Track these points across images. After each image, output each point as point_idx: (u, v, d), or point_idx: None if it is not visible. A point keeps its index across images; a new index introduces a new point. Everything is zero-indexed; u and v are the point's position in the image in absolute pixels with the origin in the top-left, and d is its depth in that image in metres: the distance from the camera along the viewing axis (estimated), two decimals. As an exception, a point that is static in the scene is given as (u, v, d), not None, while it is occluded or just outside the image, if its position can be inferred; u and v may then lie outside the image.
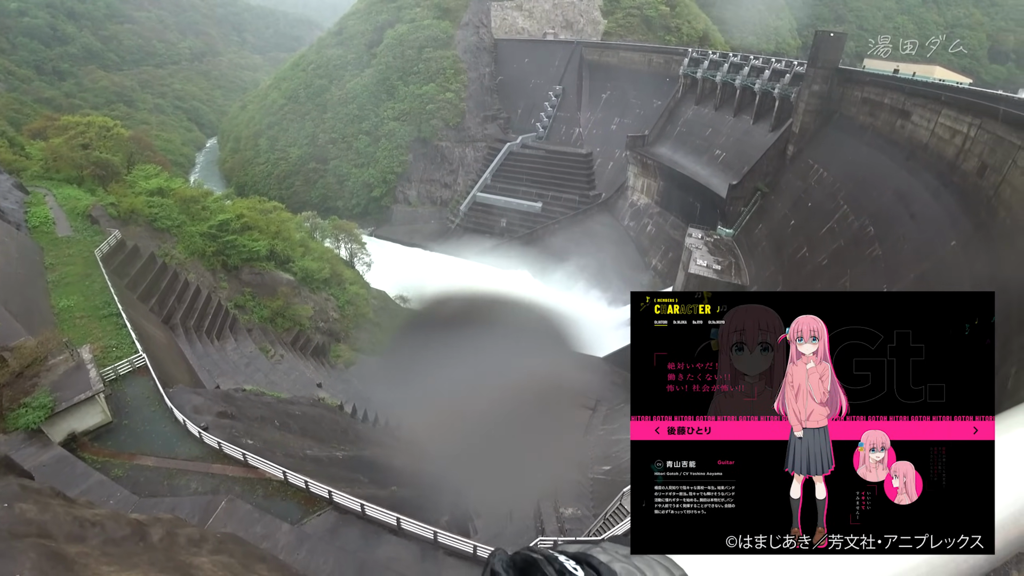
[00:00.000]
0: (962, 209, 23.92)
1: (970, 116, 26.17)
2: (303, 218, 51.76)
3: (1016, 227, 19.27)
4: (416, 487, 23.05)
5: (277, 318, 36.04)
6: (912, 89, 33.08)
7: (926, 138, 30.03)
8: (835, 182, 36.97)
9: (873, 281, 26.91)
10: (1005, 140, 22.51)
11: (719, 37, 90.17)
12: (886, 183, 31.48)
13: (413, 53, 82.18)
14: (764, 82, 49.20)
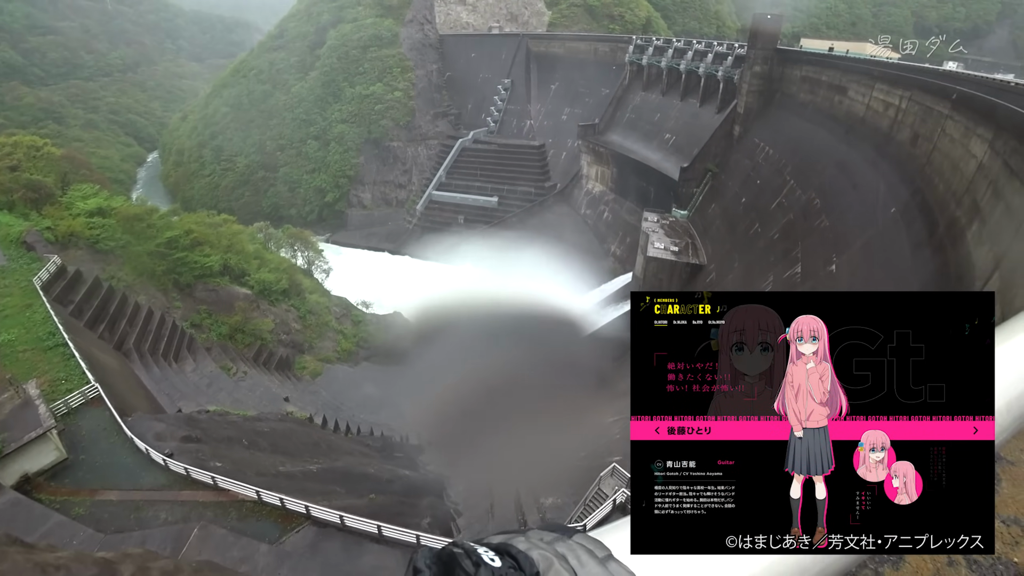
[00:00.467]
0: (898, 177, 25.13)
1: (900, 89, 27.49)
2: (256, 229, 50.23)
3: (947, 190, 20.39)
4: (394, 493, 22.86)
5: (237, 334, 34.95)
6: (847, 66, 34.52)
7: (862, 112, 31.38)
8: (781, 158, 38.26)
9: (823, 251, 28.03)
10: (934, 110, 23.73)
11: (662, 23, 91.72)
12: (829, 156, 32.77)
13: (358, 53, 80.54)
14: (708, 65, 50.40)
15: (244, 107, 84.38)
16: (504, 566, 0.49)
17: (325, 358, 40.31)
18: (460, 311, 56.07)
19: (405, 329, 48.32)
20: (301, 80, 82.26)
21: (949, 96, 22.41)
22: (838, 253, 26.72)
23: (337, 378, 38.99)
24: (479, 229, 67.57)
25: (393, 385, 40.09)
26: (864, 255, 24.49)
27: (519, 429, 30.35)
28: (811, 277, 27.84)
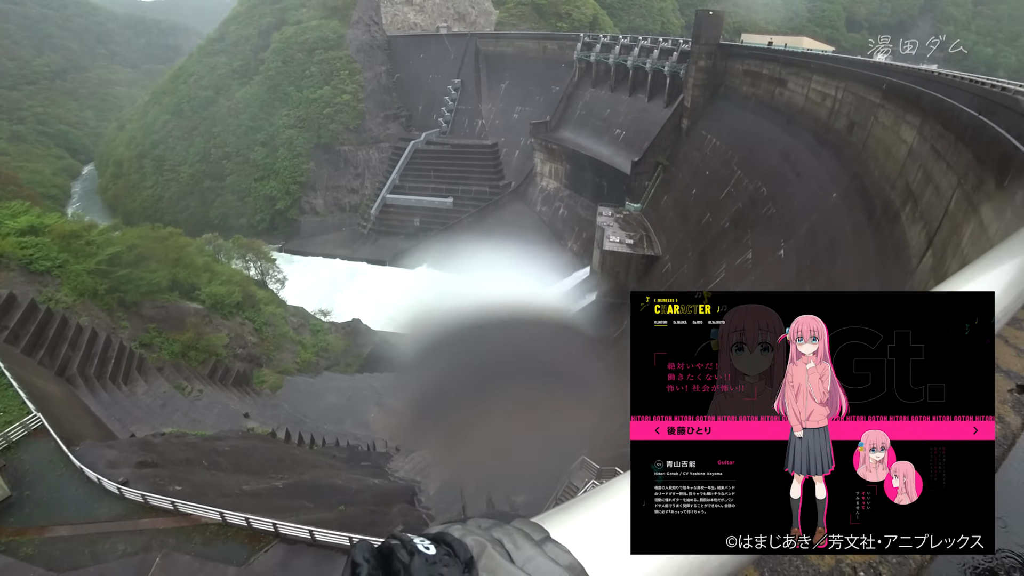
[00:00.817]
0: (838, 164, 26.37)
1: (836, 80, 28.83)
2: (204, 241, 48.34)
3: (882, 174, 21.53)
4: (364, 503, 22.47)
5: (190, 351, 33.55)
6: (786, 59, 35.94)
7: (802, 103, 32.76)
8: (728, 149, 39.55)
9: (771, 237, 29.13)
10: (867, 100, 25.00)
11: (608, 21, 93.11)
12: (773, 146, 34.08)
13: (303, 56, 78.54)
14: (654, 61, 51.53)
15: (186, 114, 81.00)
16: (439, 553, 0.51)
17: (284, 370, 39.24)
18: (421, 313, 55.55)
19: (366, 335, 47.55)
20: (245, 85, 79.61)
21: (880, 86, 23.65)
22: (785, 238, 27.83)
23: (298, 390, 38.00)
24: (435, 231, 67.06)
25: (357, 393, 39.40)
26: (810, 239, 25.60)
27: (489, 429, 30.33)
28: (761, 263, 28.90)
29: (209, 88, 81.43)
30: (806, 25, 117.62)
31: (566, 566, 0.54)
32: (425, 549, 0.51)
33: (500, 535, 0.54)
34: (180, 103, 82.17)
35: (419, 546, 0.51)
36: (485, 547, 0.52)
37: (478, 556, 0.51)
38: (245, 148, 76.14)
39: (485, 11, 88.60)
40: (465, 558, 0.51)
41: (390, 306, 56.46)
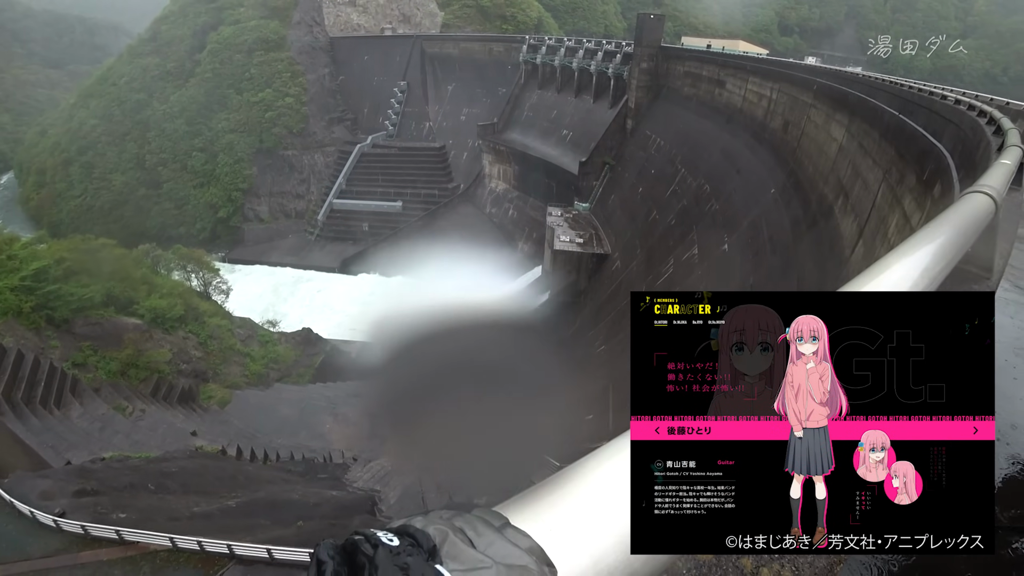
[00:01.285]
0: (775, 161, 27.67)
1: (771, 82, 30.26)
2: (142, 252, 45.72)
3: (815, 171, 22.76)
4: (322, 516, 21.91)
5: (129, 369, 31.69)
6: (724, 61, 37.44)
7: (740, 103, 34.20)
8: (671, 148, 40.83)
9: (715, 232, 30.25)
10: (799, 100, 26.35)
11: (553, 23, 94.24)
12: (714, 145, 35.41)
13: (243, 58, 75.59)
14: (598, 63, 52.60)
15: (116, 118, 76.25)
16: (403, 544, 0.52)
17: (233, 384, 37.68)
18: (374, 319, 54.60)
19: (318, 344, 46.32)
20: (180, 88, 75.86)
21: (811, 87, 25.00)
22: (729, 233, 28.97)
23: (249, 404, 36.57)
24: (385, 235, 66.05)
25: (311, 403, 38.31)
26: (751, 233, 26.75)
27: (448, 433, 30.13)
28: (707, 257, 29.98)
29: (141, 91, 77.05)
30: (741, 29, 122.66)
31: (526, 548, 0.56)
32: (389, 541, 0.52)
33: (461, 524, 0.56)
34: (109, 106, 77.33)
35: (383, 539, 0.53)
36: (447, 534, 0.54)
37: (440, 543, 0.53)
38: (182, 154, 72.56)
39: (430, 13, 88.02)
40: (428, 546, 0.52)
41: (341, 313, 55.25)
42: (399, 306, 54.65)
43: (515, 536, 0.57)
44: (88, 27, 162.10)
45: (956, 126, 11.21)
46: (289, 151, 74.02)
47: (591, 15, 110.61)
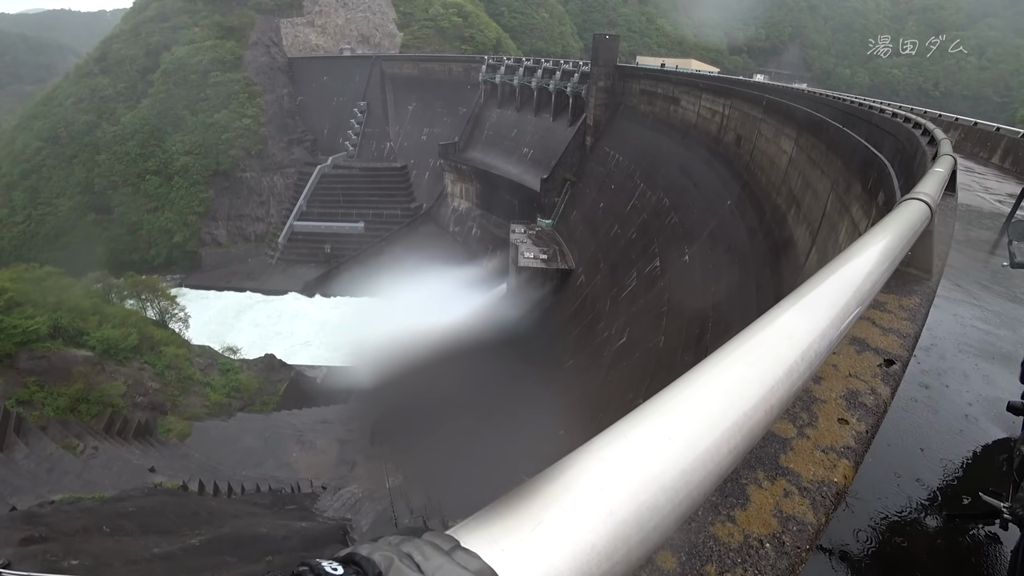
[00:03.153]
0: (730, 174, 28.68)
1: (723, 98, 31.47)
2: (91, 281, 43.85)
3: (768, 182, 23.68)
4: (292, 549, 21.12)
5: (80, 405, 30.01)
6: (678, 79, 38.77)
7: (694, 119, 35.40)
8: (630, 164, 41.84)
9: (676, 244, 31.02)
10: (750, 115, 27.46)
11: (511, 44, 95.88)
12: (671, 159, 36.46)
13: (197, 78, 73.98)
14: (557, 82, 53.72)
15: (63, 141, 73.08)
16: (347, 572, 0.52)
17: (193, 415, 36.14)
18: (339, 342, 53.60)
19: (281, 370, 45.07)
20: (132, 109, 73.49)
21: (761, 103, 26.11)
22: (689, 244, 29.76)
23: (210, 435, 35.10)
24: (348, 256, 65.21)
25: (276, 432, 37.11)
26: (711, 243, 27.55)
27: (420, 456, 29.70)
28: (669, 269, 30.67)
29: (90, 112, 74.19)
30: (693, 48, 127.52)
31: (475, 571, 0.55)
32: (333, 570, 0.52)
33: (409, 549, 0.56)
34: (56, 128, 74.07)
35: (327, 568, 0.53)
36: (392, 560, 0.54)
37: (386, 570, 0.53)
38: (135, 177, 70.07)
39: (389, 33, 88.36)
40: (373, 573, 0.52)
41: (305, 337, 54.05)
42: (365, 328, 53.87)
43: (464, 558, 0.56)
44: (32, 46, 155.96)
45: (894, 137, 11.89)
46: (247, 173, 72.50)
47: (549, 36, 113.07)
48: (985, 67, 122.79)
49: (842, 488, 1.83)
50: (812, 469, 1.90)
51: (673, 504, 0.79)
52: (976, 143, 19.66)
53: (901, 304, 3.30)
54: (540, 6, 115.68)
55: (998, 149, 17.88)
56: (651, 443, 0.83)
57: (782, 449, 2.01)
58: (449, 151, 62.82)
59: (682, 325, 25.00)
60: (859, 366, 2.59)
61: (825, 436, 2.08)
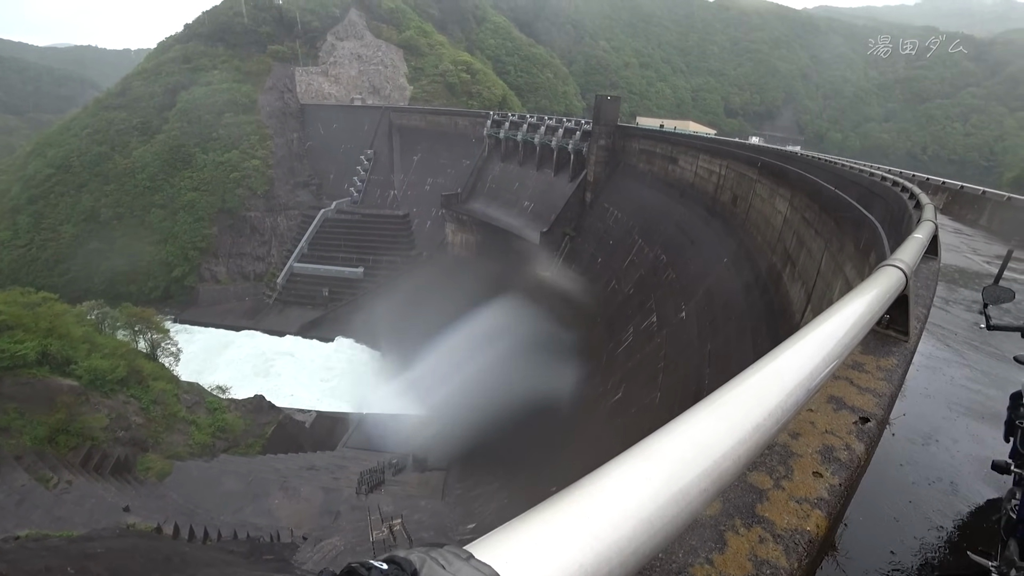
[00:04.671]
0: (726, 232, 29.17)
1: (720, 159, 32.43)
2: (86, 309, 43.56)
3: (763, 240, 24.07)
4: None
5: (59, 436, 29.24)
6: (676, 140, 40.04)
7: (692, 178, 36.33)
8: (629, 220, 42.61)
9: (673, 300, 31.16)
10: (746, 176, 28.22)
11: (516, 101, 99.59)
12: (669, 217, 37.16)
13: (212, 118, 76.24)
14: (559, 139, 55.47)
15: (74, 169, 74.47)
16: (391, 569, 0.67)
17: (175, 454, 35.14)
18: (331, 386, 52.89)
19: (269, 413, 44.22)
20: (146, 143, 75.34)
21: (756, 164, 26.88)
22: (686, 301, 29.91)
23: (190, 476, 34.03)
24: (346, 300, 65.35)
25: (259, 476, 36.02)
26: (707, 300, 27.68)
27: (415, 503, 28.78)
28: (666, 325, 30.71)
29: (104, 143, 75.98)
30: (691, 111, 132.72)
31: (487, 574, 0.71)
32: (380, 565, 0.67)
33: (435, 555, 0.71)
34: (69, 156, 75.51)
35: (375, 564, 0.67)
36: (425, 560, 0.69)
37: (420, 567, 0.68)
38: (141, 210, 71.12)
39: (400, 86, 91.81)
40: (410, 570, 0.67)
41: (296, 379, 53.36)
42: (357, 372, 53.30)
43: (480, 565, 0.71)
44: (56, 78, 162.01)
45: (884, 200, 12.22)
46: (252, 212, 73.60)
47: (552, 95, 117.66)
48: (970, 133, 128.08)
49: (815, 537, 1.91)
50: (786, 518, 1.99)
51: (649, 535, 0.92)
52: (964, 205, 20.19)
53: (879, 365, 3.39)
54: (545, 66, 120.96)
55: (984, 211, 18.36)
56: (632, 482, 0.98)
57: (759, 499, 2.10)
58: (451, 201, 64.11)
59: (678, 382, 24.80)
60: (835, 423, 2.67)
61: (800, 488, 2.16)
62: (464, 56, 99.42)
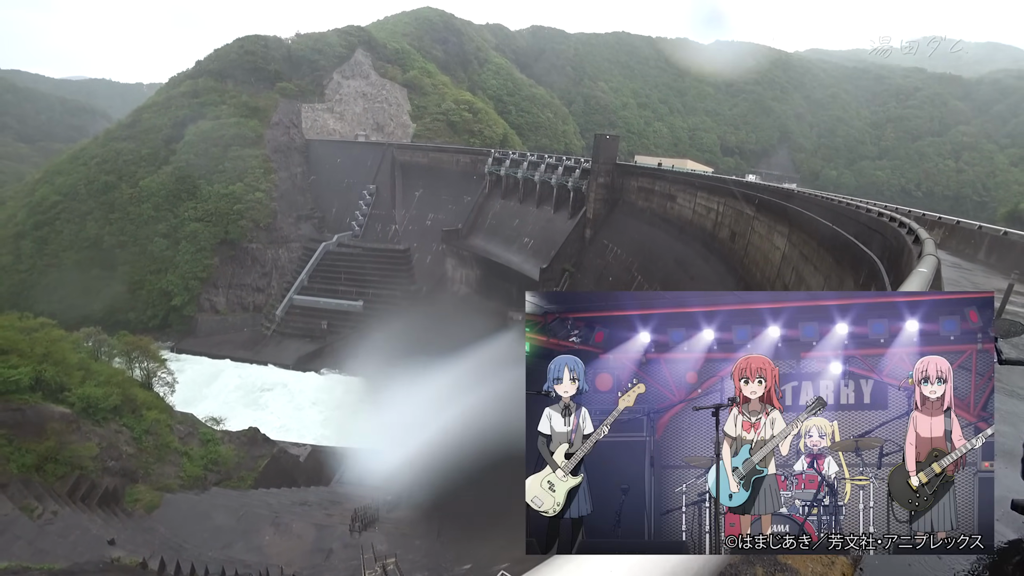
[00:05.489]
0: (725, 268, 29.41)
1: (717, 196, 32.96)
2: (83, 336, 43.28)
3: (763, 277, 24.23)
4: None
5: (47, 464, 28.55)
6: (674, 178, 40.74)
7: (690, 215, 36.82)
8: (628, 256, 42.96)
9: (674, 335, 31.10)
10: (744, 212, 28.63)
11: (517, 139, 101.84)
12: (668, 253, 37.50)
13: (218, 151, 77.67)
14: (559, 177, 56.46)
15: (81, 197, 75.27)
16: None
17: (165, 486, 34.28)
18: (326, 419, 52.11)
19: (264, 446, 43.42)
20: (152, 173, 76.44)
21: (753, 201, 27.32)
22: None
23: (180, 509, 33.15)
24: (344, 334, 65.14)
25: (250, 511, 35.09)
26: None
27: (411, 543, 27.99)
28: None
29: (111, 173, 77.07)
30: (688, 149, 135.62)
31: None
32: None
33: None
34: (76, 185, 76.49)
35: None
36: None
37: None
38: (144, 238, 71.58)
39: (403, 123, 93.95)
40: None
41: (292, 412, 52.63)
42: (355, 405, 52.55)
43: None
44: (68, 108, 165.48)
45: (882, 235, 12.39)
46: (254, 244, 74.08)
47: (552, 133, 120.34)
48: (962, 169, 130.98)
49: None
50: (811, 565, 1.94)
51: None
52: (961, 240, 20.44)
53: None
54: (546, 106, 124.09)
55: (982, 246, 18.57)
56: None
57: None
58: (452, 237, 64.73)
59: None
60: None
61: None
62: (466, 96, 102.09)
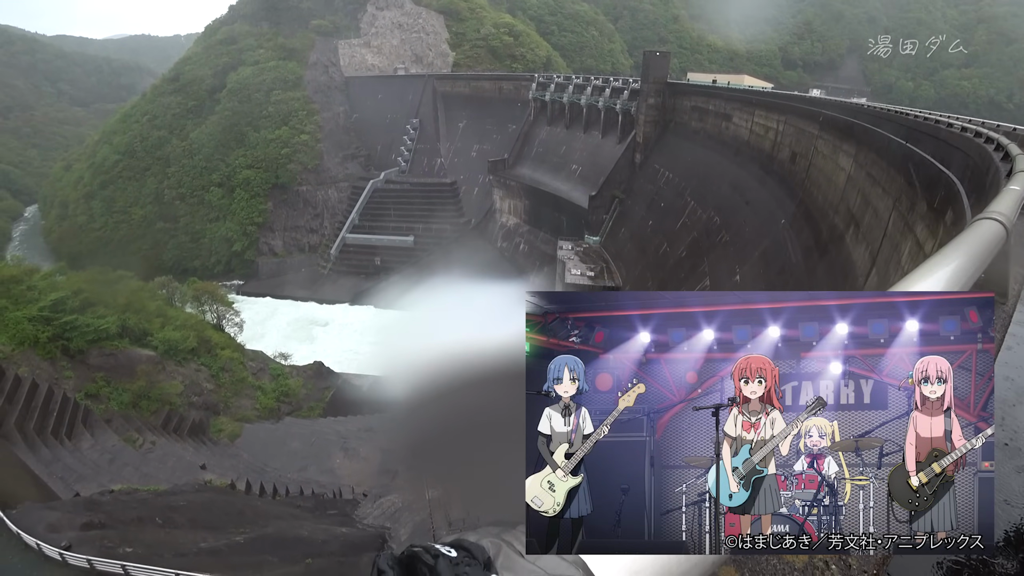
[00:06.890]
0: (784, 192, 27.77)
1: (777, 114, 30.64)
2: (158, 285, 46.45)
3: (825, 201, 22.78)
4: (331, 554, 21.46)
5: (141, 401, 31.75)
6: (729, 95, 38.03)
7: (747, 135, 34.57)
8: (681, 182, 41.14)
9: (727, 263, 30.19)
10: (806, 131, 26.60)
11: (561, 62, 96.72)
12: (723, 177, 35.65)
13: (261, 96, 78.30)
14: (606, 99, 53.65)
15: (138, 154, 78.79)
16: (460, 555, 0.55)
17: (244, 417, 37.54)
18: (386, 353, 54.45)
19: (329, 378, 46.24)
20: (200, 125, 78.44)
21: (817, 119, 25.26)
22: (740, 264, 28.90)
23: (259, 437, 36.35)
24: (397, 269, 66.64)
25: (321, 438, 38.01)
26: (763, 263, 26.65)
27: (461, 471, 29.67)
28: (719, 288, 29.84)
29: (163, 128, 79.81)
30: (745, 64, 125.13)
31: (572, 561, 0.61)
32: (447, 552, 0.56)
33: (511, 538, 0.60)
34: (132, 143, 79.94)
35: (441, 550, 0.56)
36: (500, 547, 0.58)
37: (495, 556, 0.57)
38: (200, 189, 74.54)
39: (442, 53, 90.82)
40: (483, 558, 0.56)
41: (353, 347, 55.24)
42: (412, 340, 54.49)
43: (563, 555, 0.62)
44: (115, 68, 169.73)
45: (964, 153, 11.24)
46: (304, 187, 75.65)
47: (598, 53, 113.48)
48: None
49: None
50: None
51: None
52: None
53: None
54: (590, 24, 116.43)
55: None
56: None
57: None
58: (498, 167, 63.64)
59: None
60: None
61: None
62: (506, 18, 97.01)
